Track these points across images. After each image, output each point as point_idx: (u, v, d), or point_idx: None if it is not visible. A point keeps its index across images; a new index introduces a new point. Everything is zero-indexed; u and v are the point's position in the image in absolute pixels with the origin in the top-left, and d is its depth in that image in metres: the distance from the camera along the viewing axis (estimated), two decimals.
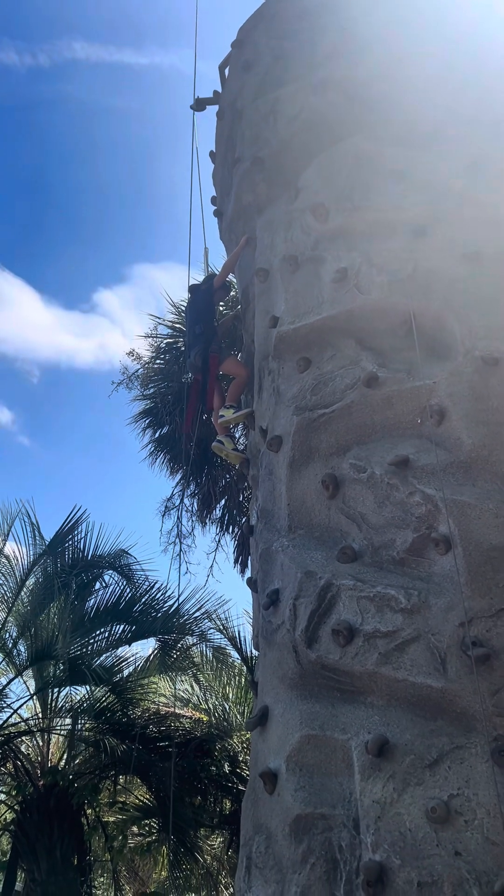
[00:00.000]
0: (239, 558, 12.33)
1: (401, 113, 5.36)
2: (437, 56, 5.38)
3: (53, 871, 9.98)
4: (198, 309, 6.87)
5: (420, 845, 3.09)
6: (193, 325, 6.85)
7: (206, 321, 6.79)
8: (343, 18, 5.87)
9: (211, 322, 6.87)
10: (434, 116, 5.28)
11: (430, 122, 5.27)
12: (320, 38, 5.94)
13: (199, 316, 6.82)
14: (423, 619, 3.53)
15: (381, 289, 4.64)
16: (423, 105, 5.31)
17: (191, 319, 6.97)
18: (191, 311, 6.99)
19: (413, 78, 5.37)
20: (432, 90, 5.32)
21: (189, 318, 7.05)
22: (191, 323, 6.95)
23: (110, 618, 10.95)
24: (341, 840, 3.35)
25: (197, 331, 6.76)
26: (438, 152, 5.13)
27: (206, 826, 11.98)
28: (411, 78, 5.38)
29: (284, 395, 4.87)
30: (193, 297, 6.99)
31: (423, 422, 4.14)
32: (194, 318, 6.87)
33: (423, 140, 5.22)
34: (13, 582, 11.05)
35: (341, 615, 3.77)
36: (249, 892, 3.65)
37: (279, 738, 3.83)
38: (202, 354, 6.52)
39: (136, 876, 15.45)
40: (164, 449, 12.57)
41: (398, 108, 5.38)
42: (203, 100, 7.78)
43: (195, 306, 6.92)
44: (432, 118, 5.28)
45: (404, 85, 5.39)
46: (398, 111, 5.37)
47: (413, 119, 5.28)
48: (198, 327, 6.77)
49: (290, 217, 5.57)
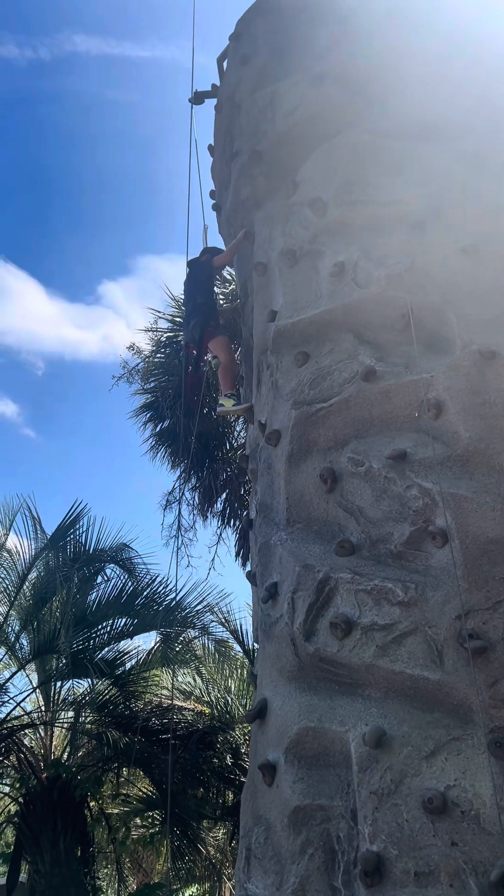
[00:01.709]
0: (240, 551, 12.36)
1: (399, 106, 5.35)
2: (435, 49, 5.37)
3: (57, 862, 10.05)
4: (198, 280, 6.88)
5: (417, 836, 3.12)
6: (194, 294, 6.85)
7: (207, 291, 6.81)
8: (341, 11, 5.85)
9: (211, 293, 6.89)
10: (433, 109, 5.26)
11: (430, 115, 5.26)
12: (318, 31, 5.93)
13: (200, 286, 6.83)
14: (421, 611, 3.55)
15: (380, 283, 4.64)
16: (422, 98, 5.30)
17: (190, 289, 6.96)
18: (190, 283, 6.99)
19: (412, 71, 5.36)
20: (431, 83, 5.31)
21: (188, 289, 7.05)
22: (191, 293, 6.95)
23: (112, 611, 10.98)
24: (339, 831, 3.38)
25: (198, 300, 6.78)
26: (437, 145, 5.12)
27: (208, 818, 12.05)
28: (410, 71, 5.37)
29: (283, 389, 4.88)
30: (192, 271, 7.00)
31: (421, 415, 4.15)
32: (194, 287, 6.88)
33: (422, 133, 5.21)
34: (15, 576, 11.08)
35: (339, 608, 3.79)
36: (249, 882, 3.69)
37: (278, 731, 3.86)
38: (200, 326, 6.55)
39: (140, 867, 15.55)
40: (165, 443, 12.59)
41: (397, 102, 5.37)
42: (201, 93, 7.76)
43: (194, 278, 6.93)
44: (431, 111, 5.27)
45: (403, 78, 5.38)
46: (397, 104, 5.36)
47: (412, 112, 5.27)
48: (199, 297, 6.78)
49: (288, 211, 5.57)
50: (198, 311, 6.67)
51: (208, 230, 7.82)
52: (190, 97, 7.83)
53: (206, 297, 6.72)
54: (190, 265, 7.07)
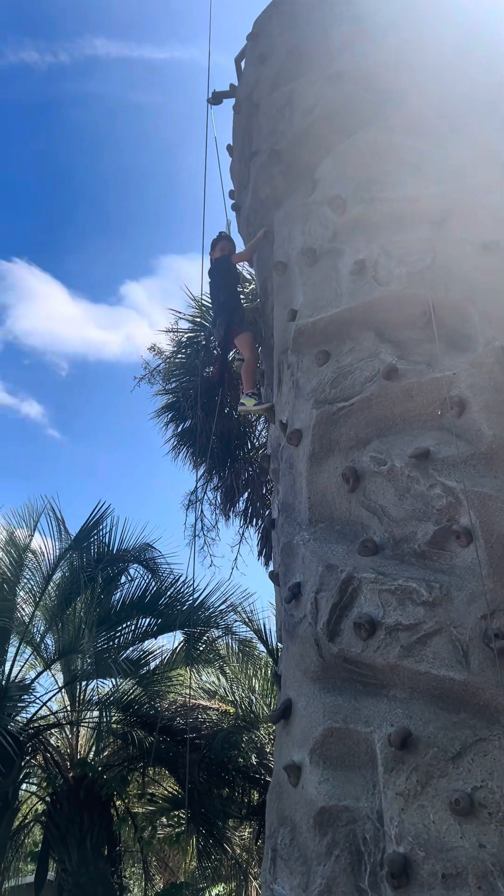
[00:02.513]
0: (263, 551, 12.37)
1: (417, 103, 5.31)
2: (453, 44, 5.33)
3: (84, 861, 10.12)
4: (219, 279, 6.89)
5: (444, 837, 3.10)
6: (217, 294, 6.87)
7: (229, 289, 6.81)
8: (357, 8, 5.82)
9: (233, 291, 6.89)
10: (451, 105, 5.22)
11: (448, 111, 5.22)
12: (334, 29, 5.91)
13: (221, 285, 6.84)
14: (445, 611, 3.52)
15: (400, 280, 4.62)
16: (439, 94, 5.26)
17: (215, 287, 6.98)
18: (213, 280, 7.01)
19: (429, 67, 5.32)
20: (449, 79, 5.27)
21: (213, 287, 7.07)
22: (215, 292, 6.97)
23: (136, 611, 11.04)
24: (365, 832, 3.36)
25: (221, 299, 6.79)
26: (457, 142, 5.08)
27: (234, 817, 12.07)
28: (427, 67, 5.34)
29: (304, 388, 4.86)
30: (213, 270, 7.01)
31: (444, 413, 4.11)
32: (216, 287, 6.89)
33: (441, 129, 5.17)
34: (40, 577, 11.18)
35: (363, 608, 3.77)
36: (275, 883, 3.68)
37: (302, 731, 3.85)
38: (224, 324, 6.56)
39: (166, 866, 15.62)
40: (187, 443, 12.63)
41: (415, 98, 5.33)
42: (220, 93, 7.76)
43: (216, 277, 6.93)
44: (450, 107, 5.22)
45: (420, 74, 5.34)
46: (415, 101, 5.32)
47: (430, 108, 5.24)
48: (221, 295, 6.80)
49: (307, 210, 5.55)
50: (222, 310, 6.68)
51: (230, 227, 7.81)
52: (208, 97, 7.84)
53: (229, 294, 6.73)
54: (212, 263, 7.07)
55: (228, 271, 6.93)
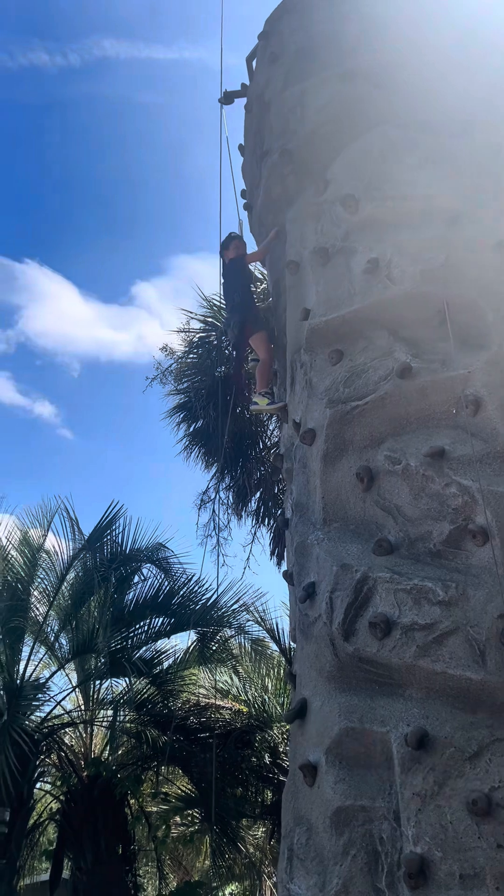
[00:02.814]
0: (275, 550, 12.35)
1: (429, 100, 5.29)
2: (465, 42, 5.30)
3: (99, 860, 10.16)
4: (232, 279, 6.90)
5: (462, 838, 3.09)
6: (231, 294, 6.88)
7: (243, 289, 6.82)
8: (368, 6, 5.80)
9: (247, 290, 6.90)
10: (464, 103, 5.20)
11: (460, 108, 5.19)
12: (345, 27, 5.89)
13: (235, 285, 6.86)
14: (462, 611, 3.51)
15: (414, 279, 4.60)
16: (452, 92, 5.24)
17: (227, 289, 6.99)
18: (226, 283, 7.02)
19: (441, 65, 5.30)
20: (461, 77, 5.25)
21: (226, 288, 7.09)
22: (228, 293, 6.98)
23: (149, 611, 11.06)
24: (382, 832, 3.36)
25: (236, 299, 6.80)
26: (469, 139, 5.06)
27: (247, 816, 12.07)
28: (439, 65, 5.31)
29: (317, 387, 4.86)
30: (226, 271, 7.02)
31: (459, 412, 4.10)
32: (230, 287, 6.90)
33: (454, 127, 5.15)
34: (54, 576, 11.22)
35: (378, 608, 3.76)
36: (291, 882, 3.68)
37: (318, 731, 3.84)
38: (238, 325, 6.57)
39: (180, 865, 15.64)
40: (199, 443, 12.62)
41: (427, 96, 5.31)
42: (231, 93, 7.76)
43: (229, 278, 6.94)
44: (462, 105, 5.20)
45: (432, 72, 5.31)
46: (427, 99, 5.30)
47: (442, 106, 5.21)
48: (236, 296, 6.81)
49: (319, 209, 5.54)
50: (236, 310, 6.69)
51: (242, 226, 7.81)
52: (220, 97, 7.84)
53: (243, 294, 6.73)
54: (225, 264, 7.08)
55: (242, 271, 6.93)
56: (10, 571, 11.10)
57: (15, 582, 10.98)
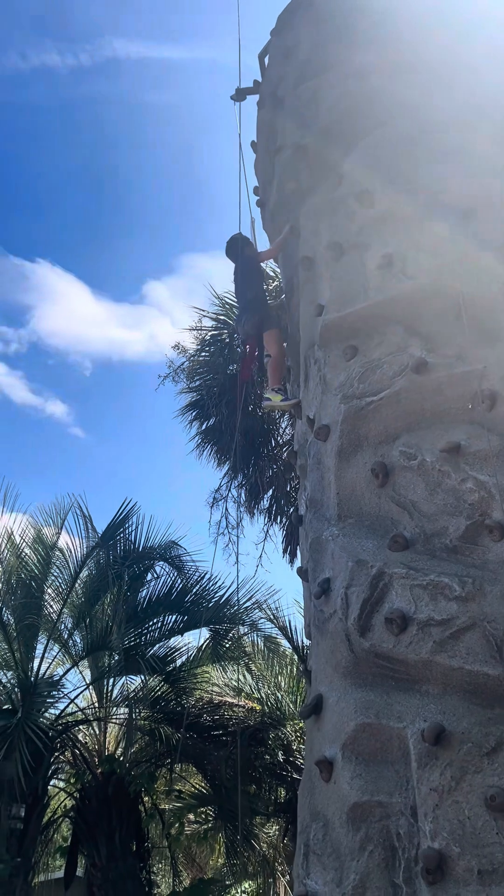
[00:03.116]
0: (288, 548, 12.34)
1: (445, 94, 5.26)
2: (482, 34, 5.27)
3: (113, 856, 10.20)
4: (244, 276, 6.90)
5: (479, 833, 3.07)
6: (244, 291, 6.88)
7: (255, 286, 6.83)
8: (380, 0, 5.78)
9: (260, 287, 6.90)
10: (479, 97, 5.17)
11: (476, 102, 5.16)
12: (359, 22, 5.87)
13: (248, 282, 6.86)
14: (479, 606, 3.49)
15: (429, 273, 4.58)
16: (467, 85, 5.21)
17: (240, 286, 7.00)
18: (239, 278, 7.02)
19: (455, 59, 5.28)
20: (477, 70, 5.22)
21: (238, 285, 7.09)
22: (240, 290, 6.98)
23: (162, 608, 11.10)
24: (399, 828, 3.35)
25: (248, 296, 6.81)
26: (484, 133, 5.02)
27: (261, 814, 12.08)
28: (454, 58, 5.29)
29: (331, 383, 4.84)
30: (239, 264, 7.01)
31: (475, 407, 4.07)
32: (243, 284, 6.91)
33: (470, 121, 5.12)
34: (68, 574, 11.26)
35: (394, 604, 3.74)
36: (308, 878, 3.68)
37: (334, 727, 3.83)
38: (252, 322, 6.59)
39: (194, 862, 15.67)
40: (211, 440, 12.63)
41: (442, 89, 5.28)
42: (244, 90, 7.76)
43: (242, 275, 6.95)
44: (478, 99, 5.17)
45: (446, 67, 5.29)
46: (443, 92, 5.27)
47: (458, 99, 5.18)
48: (249, 292, 6.82)
49: (333, 204, 5.52)
50: (248, 307, 6.69)
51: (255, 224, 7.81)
52: (232, 94, 7.83)
53: (256, 291, 6.73)
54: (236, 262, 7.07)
55: (254, 269, 6.93)
56: (24, 569, 11.15)
57: (29, 580, 11.03)
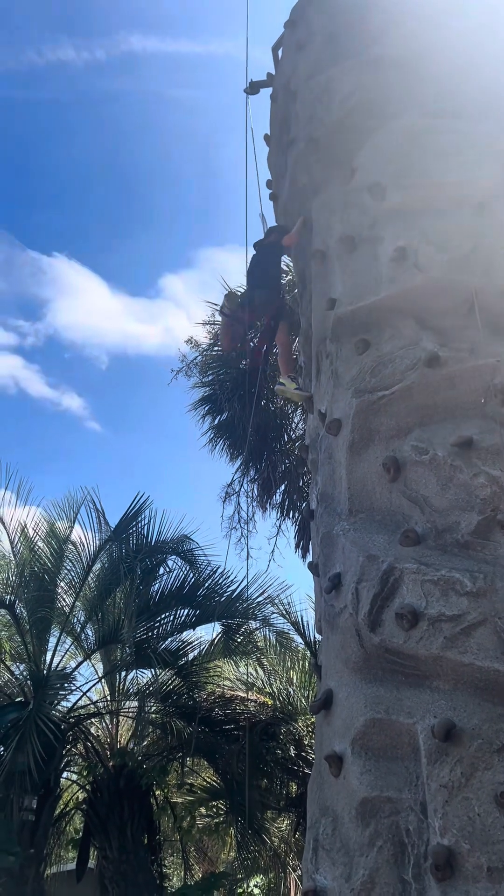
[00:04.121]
0: (300, 543, 12.33)
1: (457, 86, 5.22)
2: (493, 28, 5.22)
3: (125, 849, 10.24)
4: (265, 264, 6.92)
5: (490, 830, 3.05)
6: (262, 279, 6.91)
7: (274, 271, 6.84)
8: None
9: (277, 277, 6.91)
10: (492, 89, 5.12)
11: (488, 95, 5.12)
12: (372, 14, 5.83)
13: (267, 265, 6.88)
14: (490, 602, 3.46)
15: (441, 267, 4.54)
16: (480, 78, 5.17)
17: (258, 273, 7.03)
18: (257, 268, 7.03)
19: (467, 51, 5.23)
20: (490, 63, 5.17)
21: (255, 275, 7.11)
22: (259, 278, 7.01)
23: (174, 602, 11.10)
24: (409, 824, 3.33)
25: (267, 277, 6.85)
26: (497, 126, 4.98)
27: (272, 808, 12.10)
28: (465, 51, 5.24)
29: (343, 377, 4.82)
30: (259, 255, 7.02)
31: (487, 401, 4.05)
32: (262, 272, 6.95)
33: (481, 113, 5.08)
34: (80, 567, 11.30)
35: (405, 599, 3.72)
36: (317, 873, 3.67)
37: (344, 722, 3.82)
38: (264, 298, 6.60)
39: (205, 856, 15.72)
40: (224, 435, 12.64)
41: (454, 82, 5.24)
42: (257, 83, 7.72)
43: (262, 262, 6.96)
44: (490, 91, 5.13)
45: (458, 58, 5.25)
46: (454, 85, 5.24)
47: (470, 93, 5.15)
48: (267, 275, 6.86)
49: (346, 197, 5.49)
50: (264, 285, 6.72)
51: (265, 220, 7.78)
52: (245, 87, 7.80)
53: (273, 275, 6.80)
54: (255, 246, 7.06)
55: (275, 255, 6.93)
56: (37, 562, 11.20)
57: (42, 573, 11.08)
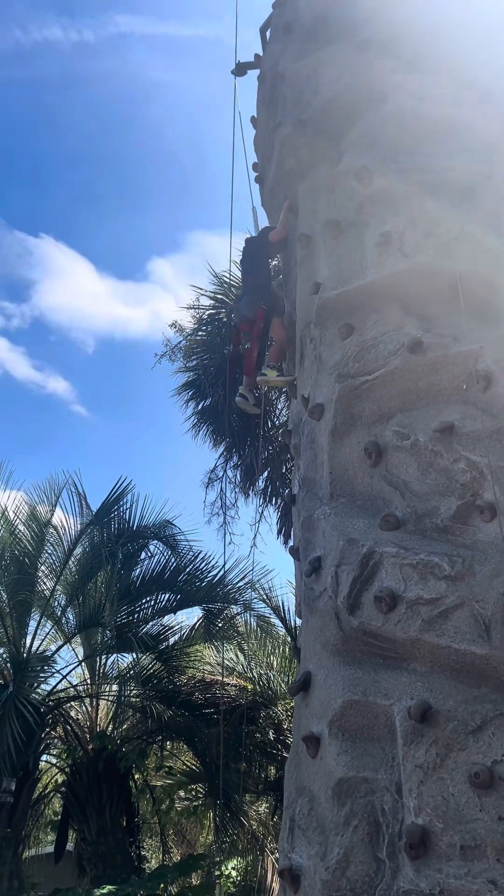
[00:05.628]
0: (282, 529, 12.37)
1: (447, 71, 5.20)
2: (482, 12, 5.20)
3: (103, 831, 10.29)
4: (253, 258, 6.88)
5: (463, 810, 3.09)
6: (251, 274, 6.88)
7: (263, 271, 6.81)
8: None
9: (266, 274, 6.88)
10: (482, 75, 5.10)
11: (479, 81, 5.10)
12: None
13: (255, 265, 6.84)
14: (468, 586, 3.48)
15: (427, 252, 4.53)
16: (470, 63, 5.14)
17: (245, 270, 6.99)
18: (245, 263, 7.01)
19: (457, 35, 5.20)
20: (480, 48, 5.15)
21: (244, 269, 7.10)
22: (245, 273, 6.98)
23: (156, 587, 11.13)
24: (384, 803, 3.37)
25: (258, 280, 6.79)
26: (486, 111, 4.97)
27: (251, 792, 12.19)
28: (458, 35, 5.21)
29: (326, 362, 4.82)
30: (248, 249, 6.99)
31: (469, 388, 4.06)
32: (249, 266, 6.89)
33: (471, 99, 5.06)
34: (61, 551, 11.29)
35: (384, 582, 3.74)
36: (293, 852, 3.70)
37: (322, 703, 3.85)
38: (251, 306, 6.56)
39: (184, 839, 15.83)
40: (207, 421, 12.61)
41: (444, 67, 5.22)
42: (244, 64, 7.66)
43: (251, 256, 6.92)
44: (481, 77, 5.11)
45: (451, 43, 5.22)
46: (445, 70, 5.21)
47: (460, 77, 5.12)
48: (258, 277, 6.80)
49: (332, 181, 5.47)
50: (252, 290, 6.67)
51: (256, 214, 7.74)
52: (232, 69, 7.73)
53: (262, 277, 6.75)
54: (247, 242, 7.05)
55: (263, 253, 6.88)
56: (18, 546, 11.17)
57: (22, 556, 11.05)
